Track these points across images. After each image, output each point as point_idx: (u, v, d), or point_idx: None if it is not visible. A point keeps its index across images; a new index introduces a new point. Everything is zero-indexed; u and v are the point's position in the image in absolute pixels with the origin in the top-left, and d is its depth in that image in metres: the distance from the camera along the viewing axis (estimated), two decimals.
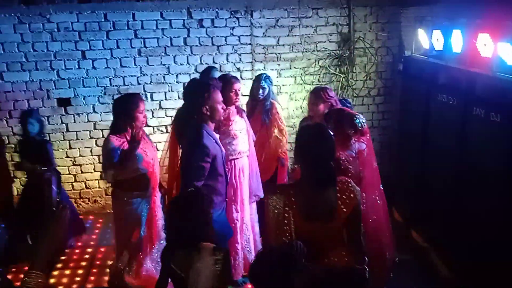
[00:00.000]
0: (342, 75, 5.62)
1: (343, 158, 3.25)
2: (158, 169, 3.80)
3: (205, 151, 3.08)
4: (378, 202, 3.55)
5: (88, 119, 5.40)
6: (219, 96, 3.23)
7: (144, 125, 3.64)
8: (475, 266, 3.81)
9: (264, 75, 4.54)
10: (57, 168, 4.85)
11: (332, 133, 2.55)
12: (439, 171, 4.43)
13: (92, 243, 4.89)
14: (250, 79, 5.52)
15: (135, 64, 5.34)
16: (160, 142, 5.56)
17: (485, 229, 3.69)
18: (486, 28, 3.59)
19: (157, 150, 5.46)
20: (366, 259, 2.55)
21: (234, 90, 3.97)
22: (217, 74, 4.54)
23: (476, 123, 3.76)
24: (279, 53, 5.56)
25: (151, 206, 3.65)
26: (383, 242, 3.59)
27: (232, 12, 5.37)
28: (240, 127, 4.05)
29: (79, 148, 5.47)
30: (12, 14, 5.00)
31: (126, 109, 3.42)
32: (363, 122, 3.41)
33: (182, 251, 2.33)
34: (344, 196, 2.39)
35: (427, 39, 4.63)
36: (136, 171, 3.44)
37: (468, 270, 3.89)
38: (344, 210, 2.39)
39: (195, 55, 5.41)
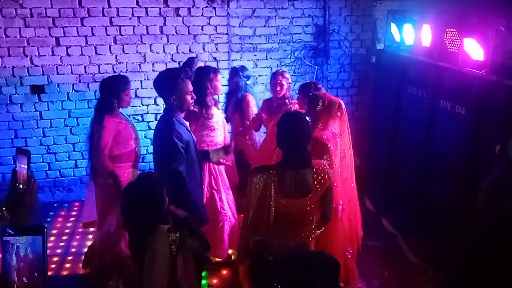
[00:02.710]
0: (317, 67, 5.71)
1: (325, 137, 3.44)
2: (139, 146, 3.99)
3: (178, 137, 3.11)
4: (352, 185, 3.74)
5: (62, 106, 5.35)
6: (188, 86, 3.22)
7: (128, 105, 3.89)
8: (440, 252, 3.99)
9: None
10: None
11: (308, 118, 2.87)
12: (408, 161, 4.60)
13: (67, 231, 4.89)
14: (227, 68, 5.56)
15: (110, 52, 5.30)
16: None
17: (449, 217, 3.86)
18: (453, 24, 3.73)
19: None
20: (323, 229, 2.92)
21: (218, 81, 4.08)
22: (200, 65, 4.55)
23: (443, 115, 3.92)
24: (255, 44, 5.61)
25: None
26: (357, 222, 3.78)
27: (209, 2, 5.38)
28: (217, 119, 4.11)
29: (53, 136, 5.42)
30: None
31: (114, 90, 3.67)
32: (343, 105, 3.71)
33: (137, 234, 2.40)
34: (319, 177, 2.70)
35: (398, 33, 4.76)
36: (129, 146, 3.76)
37: (434, 256, 4.07)
38: (319, 189, 2.70)
39: (171, 44, 5.41)
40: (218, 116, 4.13)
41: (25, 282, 1.38)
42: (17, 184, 1.75)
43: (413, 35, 4.42)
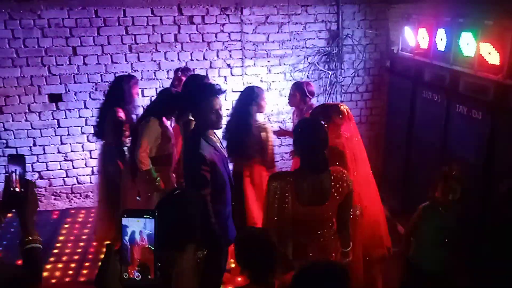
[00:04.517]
0: (330, 72, 5.71)
1: (339, 145, 3.43)
2: (175, 152, 4.17)
3: (201, 160, 2.97)
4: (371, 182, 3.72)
5: (79, 115, 5.44)
6: (217, 103, 3.07)
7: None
8: (458, 258, 3.94)
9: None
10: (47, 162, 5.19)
11: (325, 125, 2.87)
12: (423, 166, 4.55)
13: (84, 237, 4.96)
14: (240, 75, 5.61)
15: (126, 60, 5.38)
16: None
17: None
18: (469, 28, 3.70)
19: None
20: (351, 244, 2.89)
21: None
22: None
23: (459, 119, 3.88)
24: (268, 50, 5.63)
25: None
26: (380, 230, 3.71)
27: (222, 9, 5.42)
28: None
29: (70, 144, 5.51)
30: (3, 10, 5.00)
31: (173, 105, 3.91)
32: (347, 108, 3.64)
33: (165, 251, 2.33)
34: (337, 185, 2.69)
35: (413, 37, 4.73)
36: (168, 149, 3.95)
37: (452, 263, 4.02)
38: (337, 197, 2.69)
39: (185, 51, 5.47)
40: None
41: (138, 260, 1.50)
42: (15, 188, 1.84)
43: (428, 39, 4.39)
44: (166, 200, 2.35)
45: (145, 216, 1.52)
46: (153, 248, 1.52)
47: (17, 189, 1.85)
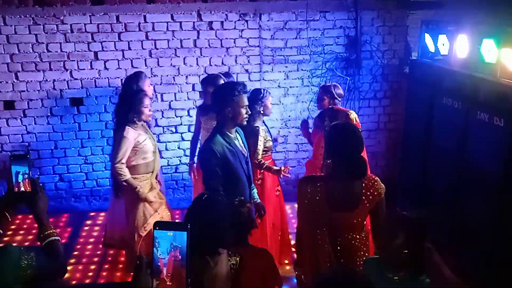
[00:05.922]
0: (348, 78, 5.70)
1: None
2: (159, 158, 4.20)
3: (211, 153, 3.16)
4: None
5: (99, 118, 5.53)
6: (244, 100, 3.27)
7: (150, 118, 4.11)
8: (476, 267, 3.89)
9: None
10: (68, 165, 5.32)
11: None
12: (441, 173, 4.51)
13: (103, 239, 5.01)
14: (258, 80, 5.64)
15: (146, 65, 5.45)
16: (169, 141, 5.70)
17: (485, 231, 3.77)
18: (490, 34, 3.67)
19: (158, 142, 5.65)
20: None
21: None
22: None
23: (480, 127, 3.84)
24: (287, 56, 5.65)
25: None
26: None
27: (241, 15, 5.47)
28: None
29: (90, 147, 5.60)
30: (27, 15, 5.12)
31: (132, 105, 3.85)
32: (356, 117, 3.79)
33: (196, 257, 2.18)
34: (368, 192, 2.65)
35: (433, 43, 4.71)
36: (146, 158, 3.95)
37: (470, 271, 3.97)
38: (367, 204, 2.65)
39: (204, 56, 5.52)
40: None
41: (169, 272, 1.48)
42: (20, 188, 1.89)
43: (448, 46, 4.37)
44: (194, 206, 2.34)
45: (177, 229, 1.50)
46: (184, 263, 1.48)
47: (22, 189, 1.90)
